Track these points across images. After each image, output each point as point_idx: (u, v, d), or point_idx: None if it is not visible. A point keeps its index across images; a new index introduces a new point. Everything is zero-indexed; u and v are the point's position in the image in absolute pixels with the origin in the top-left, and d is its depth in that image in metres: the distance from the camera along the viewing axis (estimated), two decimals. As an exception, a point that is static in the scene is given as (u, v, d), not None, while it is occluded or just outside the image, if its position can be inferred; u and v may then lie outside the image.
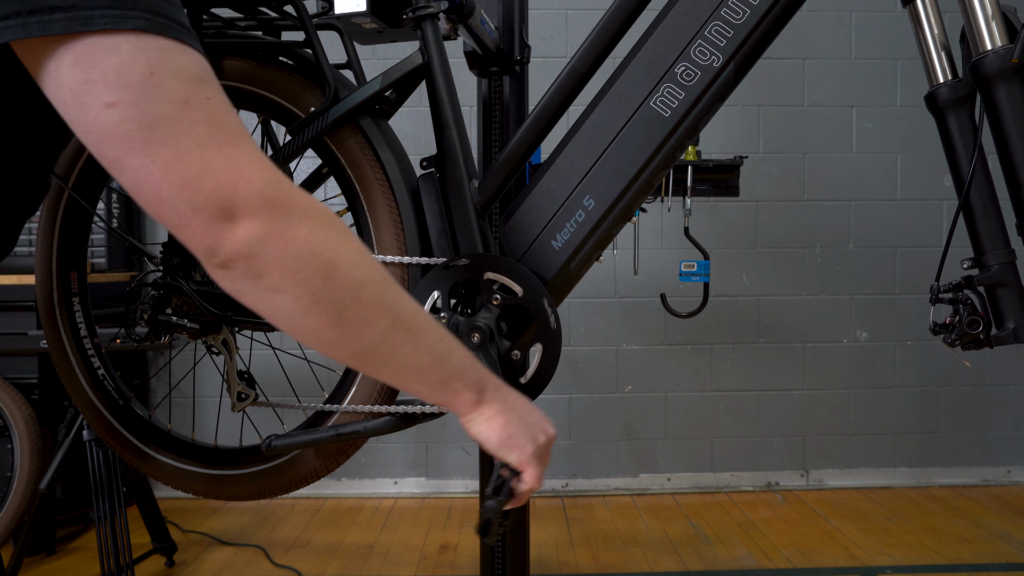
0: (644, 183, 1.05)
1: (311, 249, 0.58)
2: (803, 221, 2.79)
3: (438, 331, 0.70)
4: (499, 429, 0.75)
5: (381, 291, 0.64)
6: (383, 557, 2.21)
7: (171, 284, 1.14)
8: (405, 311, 0.66)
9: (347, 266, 0.61)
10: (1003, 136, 1.04)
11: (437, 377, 0.70)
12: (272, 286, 0.58)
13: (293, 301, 0.59)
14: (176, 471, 1.23)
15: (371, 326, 0.63)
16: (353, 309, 0.61)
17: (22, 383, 2.29)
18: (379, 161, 1.10)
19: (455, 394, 0.72)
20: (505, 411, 0.76)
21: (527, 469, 0.78)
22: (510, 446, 0.76)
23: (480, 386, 0.74)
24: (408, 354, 0.67)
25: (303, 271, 0.58)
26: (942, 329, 1.11)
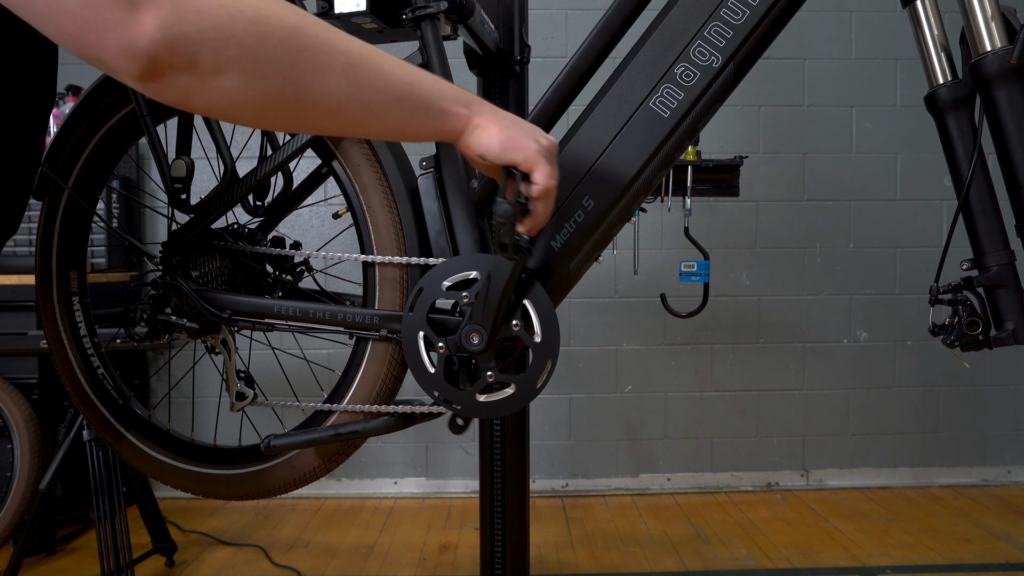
0: (644, 183, 1.05)
1: (229, 11, 0.52)
2: (803, 221, 2.79)
3: (395, 59, 0.65)
4: (498, 133, 0.72)
5: (321, 30, 0.59)
6: (383, 557, 2.21)
7: (171, 284, 1.14)
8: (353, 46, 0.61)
9: (274, 16, 0.55)
10: (1003, 137, 1.04)
11: (420, 103, 0.66)
12: (209, 68, 0.52)
13: (239, 75, 0.54)
14: (175, 470, 1.23)
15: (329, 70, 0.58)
16: (303, 58, 0.57)
17: (22, 383, 2.29)
18: (378, 161, 1.10)
19: (445, 114, 0.68)
20: (498, 117, 0.73)
21: (537, 167, 0.74)
22: (514, 147, 0.73)
23: (466, 100, 0.70)
24: (380, 87, 0.62)
25: (232, 36, 0.53)
26: (941, 330, 1.11)
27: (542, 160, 0.74)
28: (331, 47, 0.58)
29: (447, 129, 0.70)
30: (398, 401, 1.11)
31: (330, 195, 2.55)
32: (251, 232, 1.24)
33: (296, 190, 1.31)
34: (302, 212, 2.69)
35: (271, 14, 0.55)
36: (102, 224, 2.25)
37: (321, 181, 1.30)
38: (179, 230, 1.16)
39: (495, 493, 1.60)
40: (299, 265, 1.26)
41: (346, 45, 0.60)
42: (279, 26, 0.55)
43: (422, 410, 1.08)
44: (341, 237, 2.38)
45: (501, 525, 1.60)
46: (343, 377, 1.15)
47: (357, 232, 1.13)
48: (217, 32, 0.52)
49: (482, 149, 0.72)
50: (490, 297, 0.96)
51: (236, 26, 0.53)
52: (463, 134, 0.71)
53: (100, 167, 1.24)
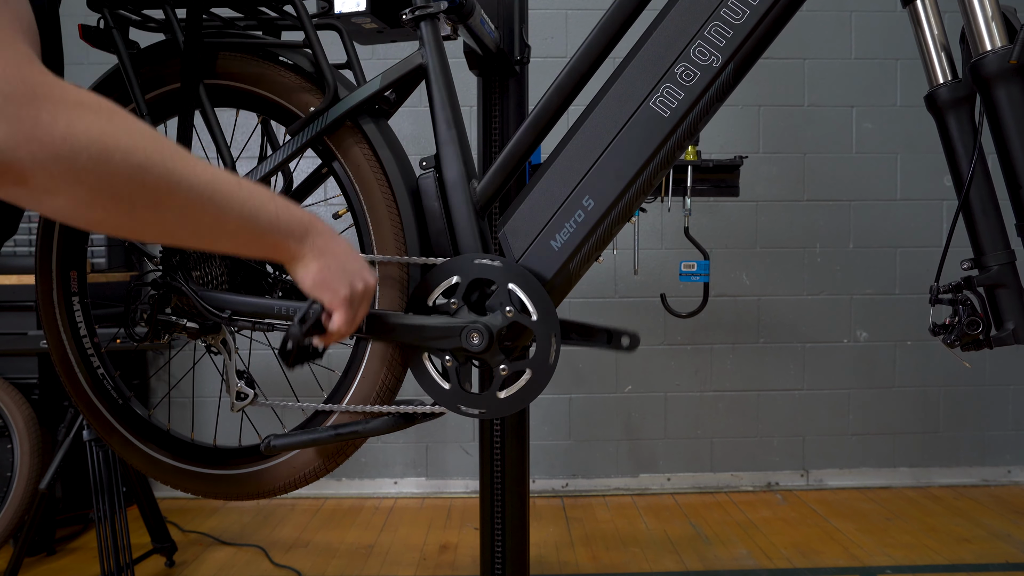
0: (644, 183, 1.05)
1: (73, 146, 0.53)
2: (803, 221, 2.79)
3: (243, 191, 0.69)
4: (314, 273, 0.80)
5: (167, 170, 0.60)
6: (383, 557, 2.21)
7: (171, 284, 1.14)
8: (200, 182, 0.63)
9: (121, 153, 0.56)
10: (1003, 136, 1.04)
11: (249, 237, 0.71)
12: (42, 189, 0.53)
13: (70, 200, 0.55)
14: (175, 470, 1.23)
15: (165, 206, 0.61)
16: (140, 194, 0.58)
17: (22, 383, 2.29)
18: (379, 161, 1.10)
19: (274, 247, 0.75)
20: (323, 256, 0.80)
21: (337, 311, 0.83)
22: (323, 288, 0.81)
23: (300, 233, 0.77)
24: (212, 222, 0.66)
25: (71, 169, 0.53)
26: (942, 330, 1.11)
27: (344, 307, 0.83)
28: (172, 185, 0.60)
29: (276, 258, 0.78)
30: (398, 401, 1.12)
31: (330, 195, 2.56)
32: (251, 232, 1.24)
33: (296, 190, 1.31)
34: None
35: (117, 151, 0.55)
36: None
37: (321, 181, 1.30)
38: (179, 230, 1.16)
39: (495, 493, 1.60)
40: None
41: (190, 182, 0.62)
42: (123, 164, 0.56)
43: (422, 410, 1.08)
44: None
45: (501, 525, 1.60)
46: (343, 377, 1.15)
47: (357, 232, 1.13)
48: (55, 164, 0.52)
49: (297, 280, 0.80)
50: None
51: (77, 161, 0.53)
52: (289, 264, 0.79)
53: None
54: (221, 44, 1.14)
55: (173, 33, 1.11)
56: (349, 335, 0.89)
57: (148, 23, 1.18)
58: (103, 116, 0.56)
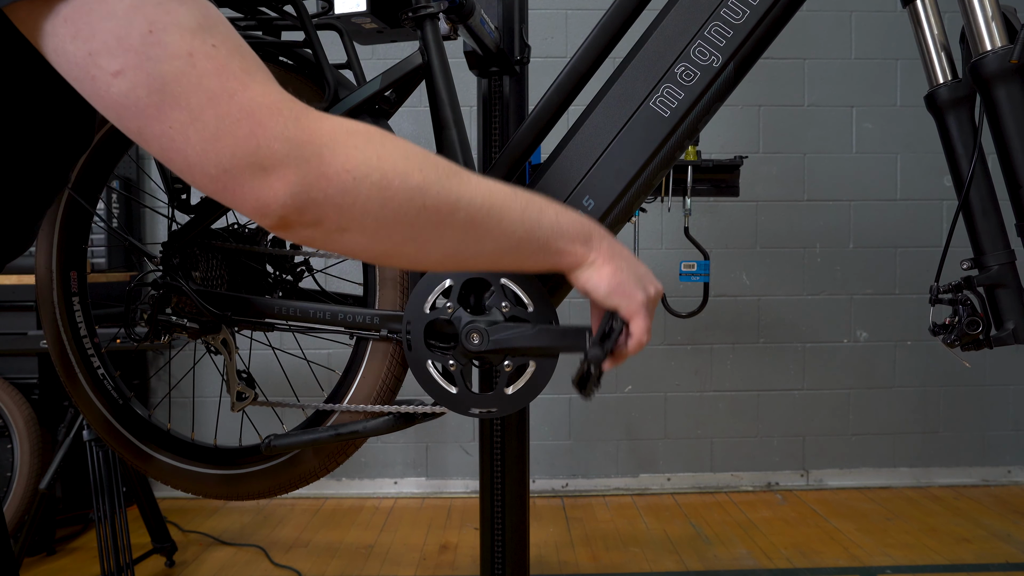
0: (644, 183, 1.05)
1: (355, 176, 0.54)
2: (803, 221, 2.79)
3: (519, 199, 0.66)
4: (608, 276, 0.73)
5: (444, 187, 0.60)
6: (383, 557, 2.21)
7: (171, 284, 1.14)
8: (477, 196, 0.62)
9: (399, 178, 0.57)
10: (1003, 136, 1.04)
11: (536, 246, 0.67)
12: (334, 227, 0.55)
13: (361, 234, 0.56)
14: (175, 471, 1.23)
15: (448, 227, 0.60)
16: (422, 218, 0.58)
17: (22, 383, 2.29)
18: (379, 161, 1.10)
19: (561, 254, 0.70)
20: (614, 258, 0.73)
21: (636, 319, 0.76)
22: (620, 293, 0.74)
23: (585, 236, 0.71)
24: (497, 237, 0.64)
25: (357, 201, 0.55)
26: (942, 330, 1.11)
27: (643, 313, 0.76)
28: (452, 204, 0.60)
29: (561, 265, 0.72)
30: (398, 401, 1.12)
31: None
32: (251, 232, 1.24)
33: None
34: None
35: (395, 176, 0.56)
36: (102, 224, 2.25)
37: (321, 181, 1.30)
38: (179, 230, 1.16)
39: (495, 493, 1.60)
40: (299, 265, 1.26)
41: (468, 199, 0.61)
42: (402, 188, 0.57)
43: (422, 410, 1.08)
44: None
45: (501, 525, 1.60)
46: (343, 377, 1.15)
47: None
48: (342, 197, 0.54)
49: (590, 287, 0.74)
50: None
51: (361, 191, 0.55)
52: (574, 270, 0.73)
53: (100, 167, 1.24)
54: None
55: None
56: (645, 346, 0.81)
57: (148, 23, 1.18)
58: (374, 141, 0.56)
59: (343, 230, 0.56)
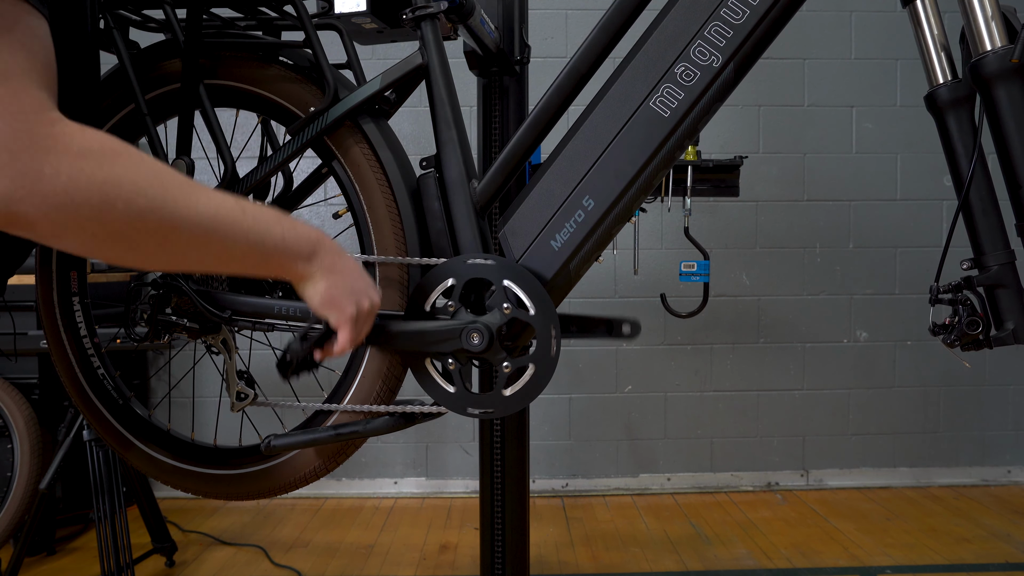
0: (644, 183, 1.05)
1: (74, 197, 0.54)
2: (803, 221, 2.79)
3: (248, 217, 0.70)
4: (322, 291, 0.81)
5: (170, 212, 0.61)
6: (383, 557, 2.21)
7: (170, 284, 1.14)
8: (204, 216, 0.65)
9: (123, 201, 0.57)
10: (1003, 136, 1.04)
11: (256, 260, 0.73)
12: (48, 234, 0.55)
13: (77, 243, 0.57)
14: (176, 471, 1.23)
15: (170, 243, 0.62)
16: (143, 235, 0.60)
17: (22, 383, 2.29)
18: (379, 161, 1.10)
19: (280, 268, 0.77)
20: (331, 275, 0.81)
21: (342, 329, 0.85)
22: (331, 307, 0.83)
23: (308, 253, 0.78)
24: (220, 252, 0.68)
25: (74, 218, 0.55)
26: (941, 330, 1.11)
27: (349, 326, 0.85)
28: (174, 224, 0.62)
29: (283, 277, 0.80)
30: (398, 401, 1.11)
31: (330, 195, 2.55)
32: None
33: (296, 190, 1.31)
34: (302, 212, 2.69)
35: (118, 199, 0.57)
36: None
37: (321, 181, 1.30)
38: (179, 230, 1.16)
39: (495, 493, 1.60)
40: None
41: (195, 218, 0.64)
42: (124, 211, 0.57)
43: (422, 410, 1.08)
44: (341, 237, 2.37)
45: (501, 525, 1.60)
46: (343, 377, 1.15)
47: (357, 232, 1.13)
48: (58, 214, 0.54)
49: (305, 298, 0.82)
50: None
51: (80, 211, 0.55)
52: (297, 283, 0.81)
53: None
54: (221, 44, 1.14)
55: (173, 33, 1.11)
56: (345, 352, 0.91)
57: (148, 23, 1.18)
58: (106, 163, 0.56)
59: (57, 237, 0.56)
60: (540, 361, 1.03)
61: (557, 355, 1.02)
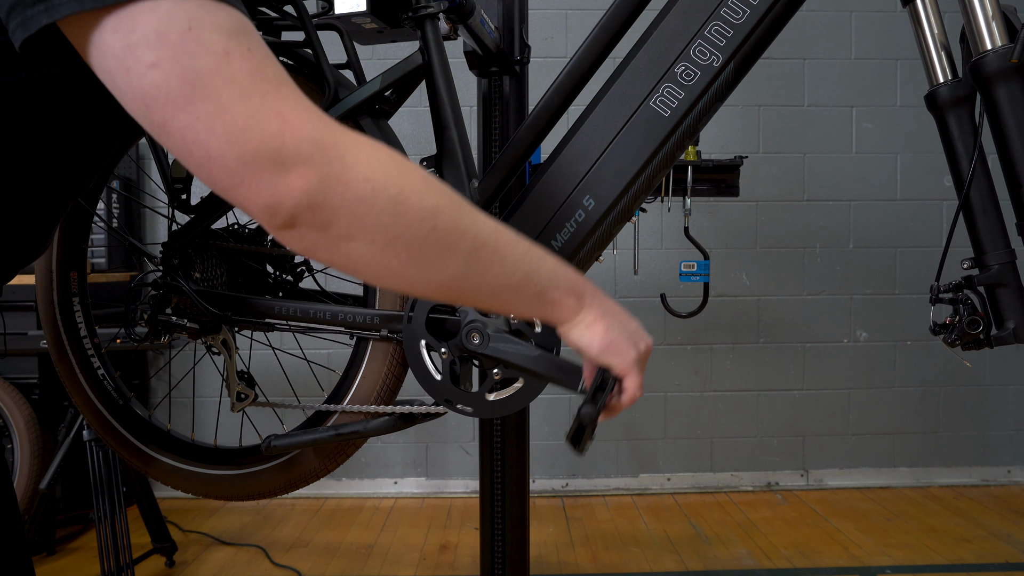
0: (644, 183, 1.05)
1: (374, 187, 0.55)
2: (803, 221, 2.79)
3: (522, 244, 0.67)
4: (601, 335, 0.73)
5: (456, 215, 0.60)
6: (383, 557, 2.21)
7: (171, 284, 1.14)
8: (484, 230, 0.63)
9: (415, 196, 0.57)
10: (1003, 136, 1.04)
11: (533, 291, 0.68)
12: (343, 234, 0.55)
13: (368, 245, 0.56)
14: (176, 471, 1.23)
15: (453, 253, 0.60)
16: (431, 239, 0.58)
17: (22, 383, 2.29)
18: (379, 161, 1.10)
19: (555, 304, 0.70)
20: (606, 316, 0.74)
21: (629, 375, 0.77)
22: (613, 352, 0.75)
23: (578, 291, 0.72)
24: (497, 274, 0.64)
25: (371, 211, 0.55)
26: (942, 329, 1.11)
27: (635, 370, 0.77)
28: (461, 231, 0.60)
29: (553, 317, 0.72)
30: (399, 401, 1.11)
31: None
32: (251, 232, 1.24)
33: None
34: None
35: (412, 193, 0.57)
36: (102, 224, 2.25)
37: (321, 181, 1.30)
38: (179, 230, 1.16)
39: (495, 493, 1.60)
40: (299, 265, 1.26)
41: (476, 230, 0.62)
42: (417, 206, 0.57)
43: (423, 410, 1.08)
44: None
45: (501, 525, 1.60)
46: (344, 377, 1.15)
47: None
48: (358, 205, 0.54)
49: (582, 344, 0.74)
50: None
51: (377, 202, 0.55)
52: (565, 323, 0.73)
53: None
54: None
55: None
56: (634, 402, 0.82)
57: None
58: (396, 161, 0.57)
59: (350, 239, 0.55)
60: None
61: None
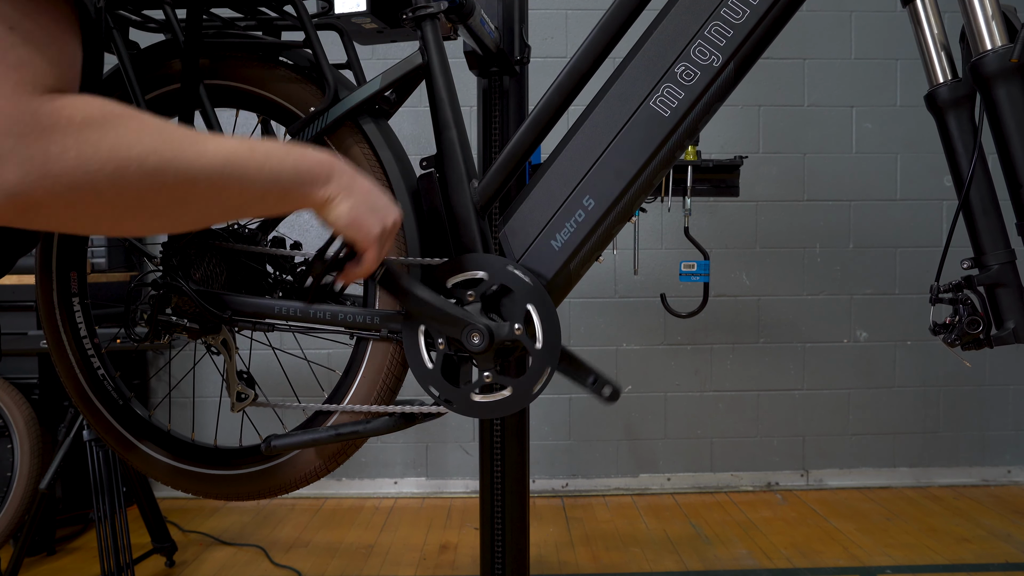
0: (644, 183, 1.05)
1: (87, 169, 0.52)
2: (803, 221, 2.79)
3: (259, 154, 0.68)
4: (345, 212, 0.78)
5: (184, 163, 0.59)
6: (383, 557, 2.21)
7: (171, 284, 1.14)
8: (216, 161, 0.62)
9: (136, 162, 0.55)
10: (1003, 136, 1.04)
11: (278, 196, 0.71)
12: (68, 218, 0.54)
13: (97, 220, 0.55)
14: (176, 471, 1.23)
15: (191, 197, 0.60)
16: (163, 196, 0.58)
17: (22, 383, 2.29)
18: (379, 161, 1.10)
19: (302, 198, 0.74)
20: (352, 195, 0.78)
21: (369, 249, 0.83)
22: (355, 227, 0.80)
23: (325, 176, 0.75)
24: (240, 193, 0.65)
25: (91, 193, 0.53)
26: (942, 329, 1.11)
27: (375, 245, 0.83)
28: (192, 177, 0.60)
29: (306, 207, 0.76)
30: (399, 401, 1.11)
31: (330, 195, 2.55)
32: (251, 232, 1.24)
33: (296, 190, 1.30)
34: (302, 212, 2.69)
35: (130, 160, 0.55)
36: (102, 224, 2.25)
37: (321, 181, 1.30)
38: (179, 230, 1.16)
39: (495, 493, 1.60)
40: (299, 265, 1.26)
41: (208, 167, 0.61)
42: (138, 172, 0.55)
43: (423, 410, 1.08)
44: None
45: (501, 525, 1.60)
46: (343, 377, 1.15)
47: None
48: (73, 192, 0.52)
49: (330, 221, 0.79)
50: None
51: (95, 183, 0.53)
52: (320, 210, 0.78)
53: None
54: (221, 44, 1.14)
55: (173, 33, 1.11)
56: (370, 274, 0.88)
57: (148, 23, 1.18)
58: (111, 128, 0.55)
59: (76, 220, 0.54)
60: (520, 391, 1.03)
61: (537, 394, 1.03)
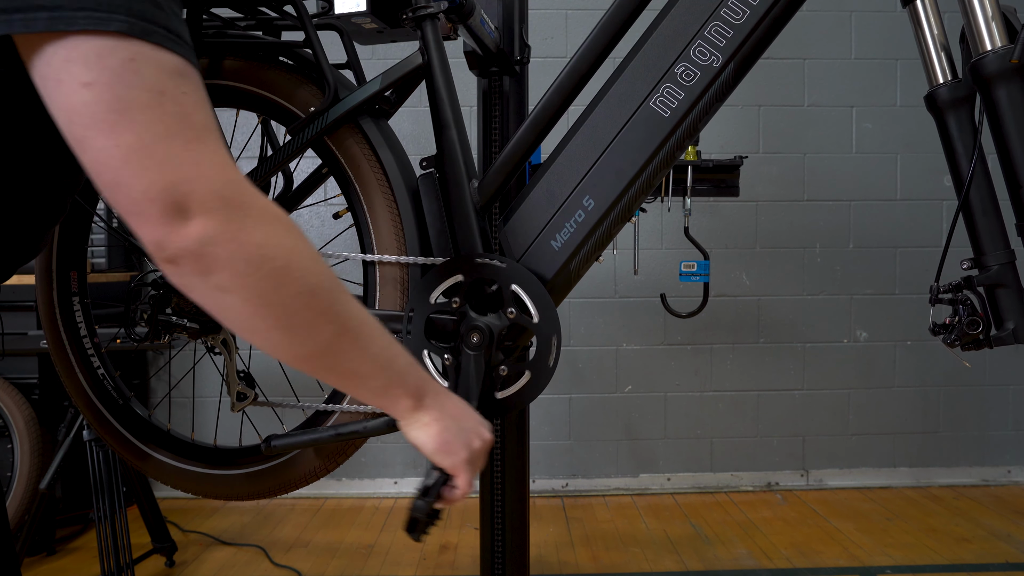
0: (644, 183, 1.05)
1: (264, 254, 0.57)
2: (803, 221, 2.79)
3: (384, 339, 0.70)
4: (435, 436, 0.77)
5: (332, 299, 0.64)
6: (383, 557, 2.21)
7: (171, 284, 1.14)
8: (353, 319, 0.66)
9: (299, 272, 0.60)
10: (1003, 136, 1.04)
11: (379, 384, 0.71)
12: (220, 285, 0.57)
13: (242, 302, 0.58)
14: (175, 471, 1.23)
15: (318, 332, 0.63)
16: (302, 315, 0.61)
17: (22, 383, 2.29)
18: (379, 161, 1.10)
19: (394, 400, 0.74)
20: (442, 417, 0.77)
21: (459, 475, 0.80)
22: (445, 452, 0.78)
23: (419, 392, 0.75)
24: (352, 360, 0.67)
25: (254, 274, 0.57)
26: (942, 329, 1.11)
27: (466, 468, 0.80)
28: (331, 315, 0.64)
29: (393, 412, 0.76)
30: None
31: (330, 195, 2.55)
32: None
33: (296, 190, 1.31)
34: (302, 212, 2.69)
35: (297, 269, 0.60)
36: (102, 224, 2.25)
37: (322, 181, 1.30)
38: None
39: (495, 493, 1.60)
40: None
41: (346, 317, 0.65)
42: (298, 282, 0.60)
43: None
44: (341, 237, 2.38)
45: (501, 525, 1.60)
46: (343, 377, 1.15)
47: (357, 232, 1.13)
48: (244, 266, 0.57)
49: (418, 443, 0.77)
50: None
51: (263, 268, 0.58)
52: (404, 422, 0.77)
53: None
54: (221, 44, 1.14)
55: (173, 33, 1.11)
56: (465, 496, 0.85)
57: (148, 23, 1.18)
58: (292, 235, 0.60)
59: (227, 291, 0.58)
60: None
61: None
